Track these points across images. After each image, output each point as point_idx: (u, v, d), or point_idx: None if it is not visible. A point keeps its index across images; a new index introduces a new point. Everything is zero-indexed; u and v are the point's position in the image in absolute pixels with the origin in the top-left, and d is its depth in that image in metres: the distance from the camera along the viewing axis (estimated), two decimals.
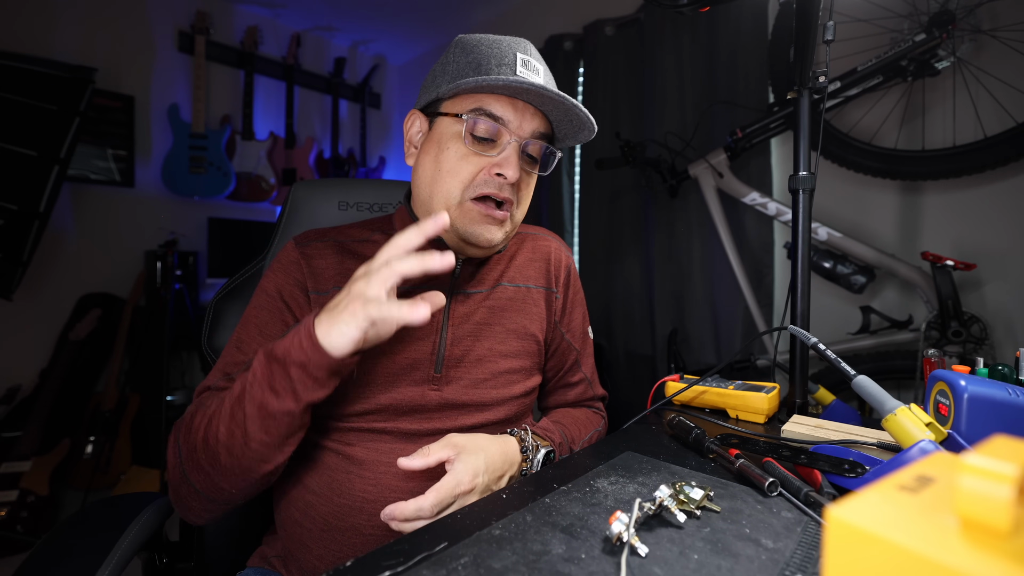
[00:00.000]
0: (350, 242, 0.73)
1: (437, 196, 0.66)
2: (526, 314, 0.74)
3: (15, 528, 1.81)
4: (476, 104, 0.64)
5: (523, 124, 0.65)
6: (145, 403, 2.26)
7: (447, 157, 0.65)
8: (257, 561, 0.71)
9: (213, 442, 0.55)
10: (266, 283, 0.69)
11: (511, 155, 0.64)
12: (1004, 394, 0.54)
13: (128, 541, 0.62)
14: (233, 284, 0.88)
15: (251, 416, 0.53)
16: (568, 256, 0.83)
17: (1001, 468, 0.17)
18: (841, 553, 0.19)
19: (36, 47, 2.17)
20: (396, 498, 0.62)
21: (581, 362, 0.84)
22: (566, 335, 0.81)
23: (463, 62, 0.65)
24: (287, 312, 0.67)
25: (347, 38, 3.29)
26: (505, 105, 0.64)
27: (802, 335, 0.68)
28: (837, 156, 1.59)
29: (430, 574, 0.36)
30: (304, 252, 0.70)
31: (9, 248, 1.81)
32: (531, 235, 0.82)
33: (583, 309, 0.85)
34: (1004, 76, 1.40)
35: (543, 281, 0.78)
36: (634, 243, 2.20)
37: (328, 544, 0.63)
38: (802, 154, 0.83)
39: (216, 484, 0.57)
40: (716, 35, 1.93)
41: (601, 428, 0.83)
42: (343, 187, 0.96)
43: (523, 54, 0.66)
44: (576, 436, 0.76)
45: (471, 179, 0.65)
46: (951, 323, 1.35)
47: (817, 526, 0.44)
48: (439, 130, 0.67)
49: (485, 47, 0.66)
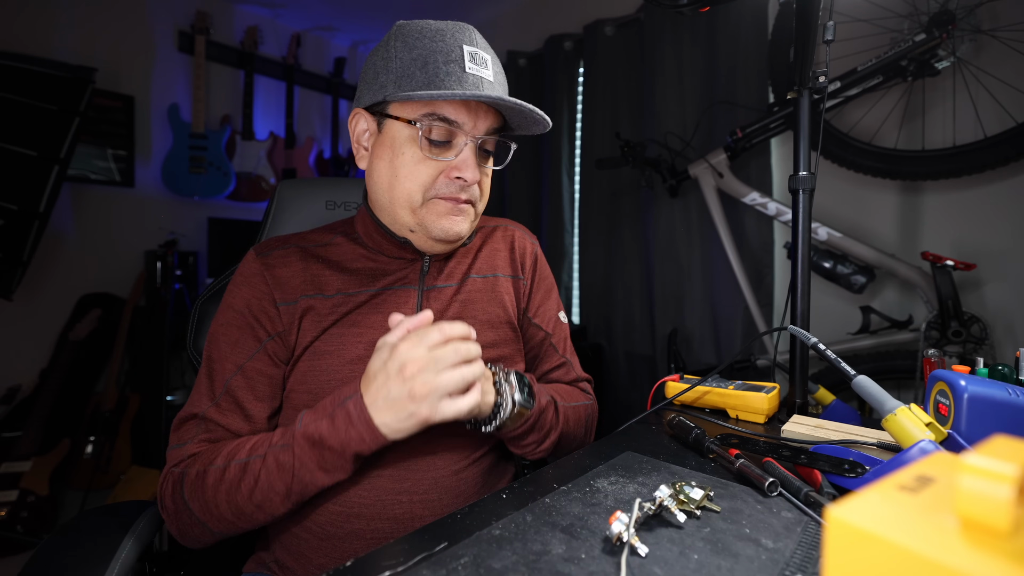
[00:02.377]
0: (313, 247, 0.71)
1: (398, 200, 0.66)
2: (497, 303, 0.74)
3: (15, 528, 1.81)
4: (429, 109, 0.63)
5: (477, 124, 0.64)
6: (145, 403, 2.26)
7: (403, 162, 0.64)
8: (255, 566, 0.70)
9: (244, 503, 0.56)
10: (232, 299, 0.68)
11: (469, 157, 0.64)
12: (1004, 394, 0.54)
13: (126, 552, 0.62)
14: (218, 285, 0.86)
15: (296, 490, 0.56)
16: (533, 244, 0.83)
17: (1001, 468, 0.17)
18: (841, 553, 0.19)
19: (36, 47, 2.17)
20: (392, 500, 0.63)
21: (557, 346, 0.83)
22: (533, 319, 0.80)
23: (407, 59, 0.62)
24: (258, 327, 0.66)
25: (347, 38, 3.29)
26: (459, 108, 0.63)
27: (802, 335, 0.68)
28: (837, 156, 1.59)
29: (430, 574, 0.36)
30: (266, 262, 0.68)
31: (9, 248, 1.81)
32: (496, 227, 0.82)
33: (554, 293, 0.85)
34: (1004, 76, 1.40)
35: (509, 269, 0.78)
36: (634, 243, 2.20)
37: (328, 552, 0.63)
38: (802, 154, 0.83)
39: (241, 528, 0.59)
40: (716, 35, 1.93)
41: (591, 405, 0.82)
42: (330, 186, 0.95)
43: (470, 46, 0.63)
44: (562, 396, 0.74)
45: (431, 182, 0.65)
46: (951, 323, 1.35)
47: (817, 526, 0.44)
48: (390, 133, 0.65)
49: (428, 40, 0.62)
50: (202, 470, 0.58)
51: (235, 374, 0.64)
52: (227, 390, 0.64)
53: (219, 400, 0.63)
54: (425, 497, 0.64)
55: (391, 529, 0.62)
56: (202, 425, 0.63)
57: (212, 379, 0.65)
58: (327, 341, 0.66)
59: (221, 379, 0.64)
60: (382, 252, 0.71)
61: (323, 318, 0.66)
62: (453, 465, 0.67)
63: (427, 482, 0.65)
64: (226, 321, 0.67)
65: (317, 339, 0.66)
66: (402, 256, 0.71)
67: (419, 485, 0.64)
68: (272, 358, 0.66)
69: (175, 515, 0.60)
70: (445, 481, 0.66)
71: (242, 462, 0.57)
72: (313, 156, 3.03)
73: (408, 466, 0.64)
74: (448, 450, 0.67)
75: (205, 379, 0.65)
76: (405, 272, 0.71)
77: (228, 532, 0.59)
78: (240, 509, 0.57)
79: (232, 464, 0.57)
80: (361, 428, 0.53)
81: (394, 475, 0.63)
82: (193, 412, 0.64)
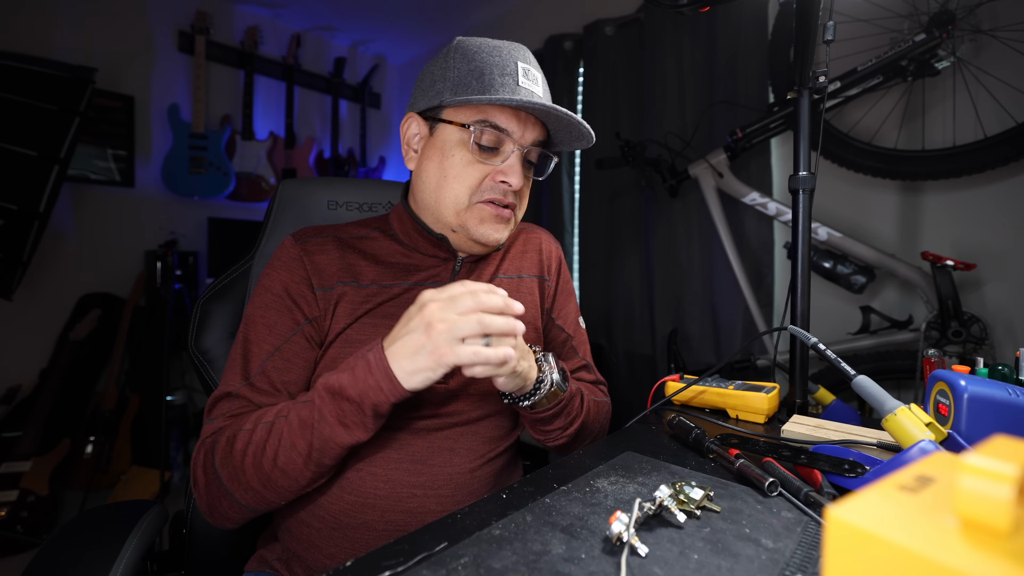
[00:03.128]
0: (349, 238, 0.74)
1: (445, 201, 0.68)
2: (522, 303, 0.75)
3: (15, 528, 1.81)
4: (481, 116, 0.66)
5: (525, 134, 0.68)
6: (145, 403, 2.26)
7: (453, 164, 0.67)
8: (256, 565, 0.71)
9: (269, 467, 0.56)
10: (269, 281, 0.69)
11: (515, 163, 0.67)
12: (1004, 394, 0.54)
13: (130, 552, 0.62)
14: (220, 284, 0.86)
15: (316, 447, 0.55)
16: (558, 248, 0.86)
17: (1001, 468, 0.17)
18: (841, 553, 0.19)
19: (36, 47, 2.17)
20: (407, 493, 0.63)
21: (577, 349, 0.84)
22: (556, 320, 0.83)
23: (465, 70, 0.66)
24: (296, 310, 0.67)
25: (347, 38, 3.29)
26: (510, 117, 0.67)
27: (802, 335, 0.68)
28: (837, 156, 1.59)
29: (430, 574, 0.36)
30: (305, 248, 0.70)
31: (9, 248, 1.81)
32: (522, 230, 0.85)
33: (574, 298, 0.87)
34: (1004, 76, 1.40)
35: (536, 270, 0.81)
36: (634, 243, 2.20)
37: (339, 542, 0.63)
38: (802, 154, 0.83)
39: (266, 499, 0.59)
40: (716, 35, 1.93)
41: (608, 404, 0.83)
42: (332, 186, 0.95)
43: (523, 63, 0.68)
44: (586, 391, 0.75)
45: (477, 184, 0.68)
46: (951, 323, 1.35)
47: (817, 526, 0.44)
48: (442, 136, 0.68)
49: (486, 54, 0.67)
50: (232, 436, 0.59)
51: (272, 355, 0.65)
52: (263, 371, 0.64)
53: (254, 380, 0.64)
54: (439, 493, 0.65)
55: (403, 522, 0.63)
56: (236, 403, 0.63)
57: (248, 360, 0.65)
58: (359, 330, 0.67)
59: (257, 360, 0.65)
60: (417, 249, 0.74)
61: (357, 306, 0.68)
62: (469, 463, 0.68)
63: (443, 478, 0.65)
64: (264, 303, 0.68)
65: (349, 327, 0.67)
66: (436, 255, 0.74)
67: (435, 480, 0.65)
68: (309, 341, 0.67)
69: (206, 488, 0.60)
70: (460, 478, 0.66)
71: (268, 423, 0.58)
72: (313, 156, 3.03)
73: (426, 461, 0.65)
74: (466, 448, 0.68)
75: (240, 360, 0.66)
76: (438, 270, 0.73)
77: (254, 505, 0.59)
78: (266, 475, 0.57)
79: (259, 426, 0.58)
80: (379, 376, 0.53)
81: (412, 469, 0.64)
82: (228, 391, 0.64)
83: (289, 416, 0.57)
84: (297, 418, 0.56)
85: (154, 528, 0.69)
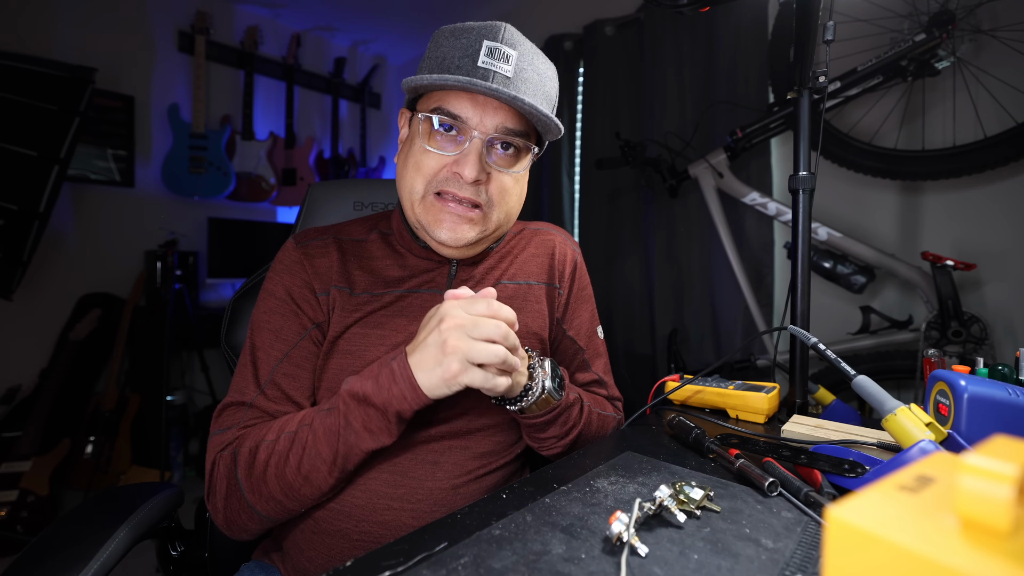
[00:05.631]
0: (350, 241, 0.72)
1: (404, 191, 0.66)
2: (527, 312, 0.73)
3: (15, 528, 1.81)
4: (437, 102, 0.63)
5: (484, 120, 0.61)
6: (145, 403, 2.26)
7: (412, 153, 0.65)
8: (260, 554, 0.71)
9: (292, 476, 0.56)
10: (272, 286, 0.68)
11: (469, 153, 0.61)
12: (1004, 394, 0.54)
13: (127, 530, 0.62)
14: (251, 283, 0.89)
15: (342, 454, 0.56)
16: (575, 251, 0.81)
17: (1001, 468, 0.17)
18: (841, 553, 0.19)
19: (36, 47, 2.17)
20: (383, 505, 0.62)
21: (590, 362, 0.80)
22: (568, 332, 0.78)
23: (433, 57, 0.63)
24: (302, 314, 0.66)
25: (347, 38, 3.29)
26: (464, 102, 0.61)
27: (802, 335, 0.68)
28: (837, 156, 1.59)
29: (430, 574, 0.36)
30: (305, 251, 0.69)
31: (9, 248, 1.81)
32: (535, 231, 0.79)
33: (591, 307, 0.82)
34: (1004, 76, 1.40)
35: (545, 277, 0.76)
36: (634, 243, 2.20)
37: (318, 547, 0.63)
38: (802, 154, 0.83)
39: (286, 508, 0.59)
40: (716, 35, 1.93)
41: (618, 419, 0.79)
42: (358, 188, 0.97)
43: (491, 41, 0.61)
44: (589, 401, 0.72)
45: (433, 175, 0.63)
46: (951, 323, 1.35)
47: (817, 526, 0.44)
48: (413, 128, 0.67)
49: (455, 38, 0.63)
50: (254, 446, 0.59)
51: (281, 361, 0.64)
52: (273, 379, 0.64)
53: (265, 388, 0.64)
54: (417, 507, 0.62)
55: (379, 534, 0.61)
56: (248, 412, 0.63)
57: (257, 367, 0.65)
58: (350, 340, 0.66)
59: (267, 367, 0.64)
60: (411, 252, 0.71)
61: (348, 314, 0.66)
62: (454, 479, 0.64)
63: (422, 492, 0.62)
64: (268, 308, 0.67)
65: (340, 336, 0.66)
66: (430, 257, 0.70)
67: (414, 494, 0.62)
68: (317, 345, 0.67)
69: (225, 500, 0.59)
70: (441, 495, 0.63)
71: (291, 433, 0.58)
72: (313, 156, 3.03)
73: (406, 472, 0.62)
74: (452, 462, 0.65)
75: (249, 367, 0.65)
76: (432, 275, 0.70)
77: (273, 515, 0.59)
78: (288, 484, 0.56)
79: (283, 436, 0.58)
80: (403, 385, 0.53)
81: (389, 479, 0.62)
82: (239, 400, 0.63)
83: (313, 424, 0.57)
84: (322, 426, 0.56)
85: (159, 511, 0.69)
